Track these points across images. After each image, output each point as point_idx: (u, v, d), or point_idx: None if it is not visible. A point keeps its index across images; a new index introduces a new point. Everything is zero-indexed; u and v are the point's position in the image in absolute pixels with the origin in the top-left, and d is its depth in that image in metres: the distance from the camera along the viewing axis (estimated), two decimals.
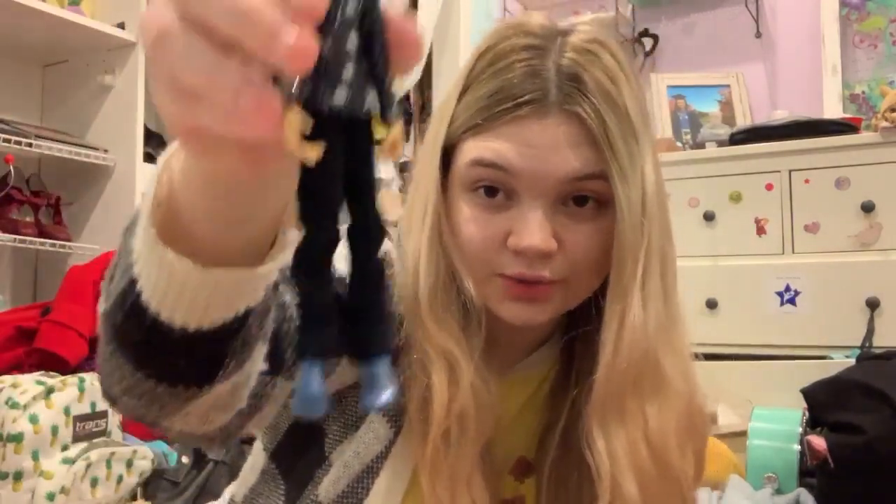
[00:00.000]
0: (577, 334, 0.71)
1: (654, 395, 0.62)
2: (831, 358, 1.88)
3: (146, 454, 1.57)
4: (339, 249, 0.32)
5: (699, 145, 2.46)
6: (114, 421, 1.58)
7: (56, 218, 2.17)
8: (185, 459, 1.60)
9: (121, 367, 0.41)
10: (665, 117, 2.72)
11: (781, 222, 2.19)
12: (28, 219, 2.09)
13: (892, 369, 1.56)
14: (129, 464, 1.54)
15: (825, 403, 1.55)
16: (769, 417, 1.67)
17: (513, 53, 0.62)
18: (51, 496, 1.39)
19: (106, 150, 2.19)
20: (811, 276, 2.11)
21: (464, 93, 0.64)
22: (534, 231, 0.60)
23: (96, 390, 1.54)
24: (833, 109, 2.53)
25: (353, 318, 0.31)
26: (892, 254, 2.05)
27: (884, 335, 1.98)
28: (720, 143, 2.38)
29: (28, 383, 1.45)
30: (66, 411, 1.47)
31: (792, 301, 2.12)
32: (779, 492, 1.52)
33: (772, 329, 2.13)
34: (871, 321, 2.00)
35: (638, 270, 0.61)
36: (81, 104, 2.30)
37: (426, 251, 0.64)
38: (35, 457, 1.40)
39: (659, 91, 2.76)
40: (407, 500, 0.65)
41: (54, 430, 1.44)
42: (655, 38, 2.92)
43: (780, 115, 2.40)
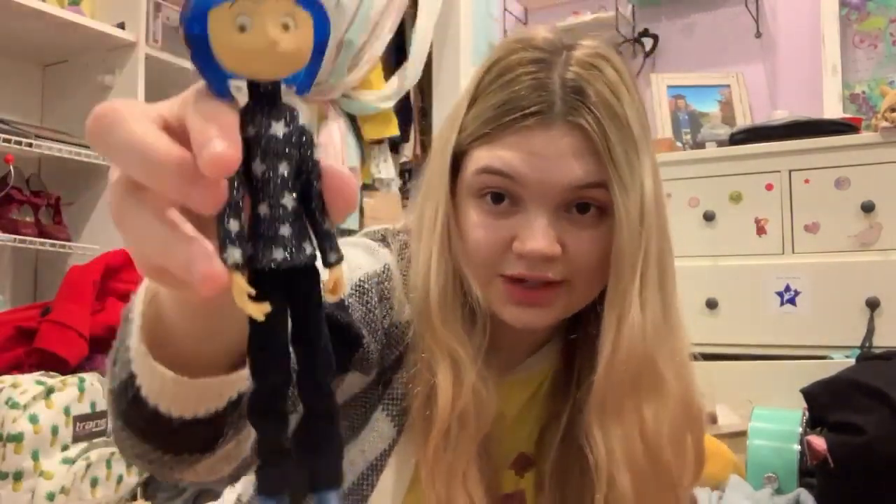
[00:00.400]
0: (577, 336, 0.73)
1: (650, 396, 0.64)
2: (831, 358, 1.88)
3: None
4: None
5: (699, 145, 2.46)
6: None
7: (56, 218, 2.17)
8: None
9: (130, 439, 0.46)
10: (665, 117, 2.72)
11: (781, 222, 2.19)
12: (28, 219, 2.09)
13: (892, 369, 1.56)
14: (130, 464, 1.54)
15: (825, 403, 1.55)
16: (769, 417, 1.67)
17: (519, 66, 0.65)
18: (51, 496, 1.39)
19: None
20: (811, 276, 2.11)
21: (472, 104, 0.68)
22: (538, 236, 0.63)
23: (96, 390, 1.54)
24: (833, 109, 2.53)
25: (307, 450, 0.33)
26: (892, 254, 2.05)
27: (884, 335, 1.98)
28: (720, 143, 2.38)
29: (28, 383, 1.45)
30: (66, 411, 1.47)
31: (792, 301, 2.12)
32: (779, 492, 1.52)
33: (772, 329, 2.13)
34: (871, 321, 2.00)
35: (636, 277, 0.63)
36: (81, 104, 2.29)
37: (437, 254, 0.66)
38: (35, 457, 1.40)
39: (659, 91, 2.76)
40: (410, 496, 0.68)
41: (54, 430, 1.44)
42: (655, 38, 2.92)
43: (780, 115, 2.40)
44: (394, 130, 2.72)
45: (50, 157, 2.10)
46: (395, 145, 2.91)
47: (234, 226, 0.30)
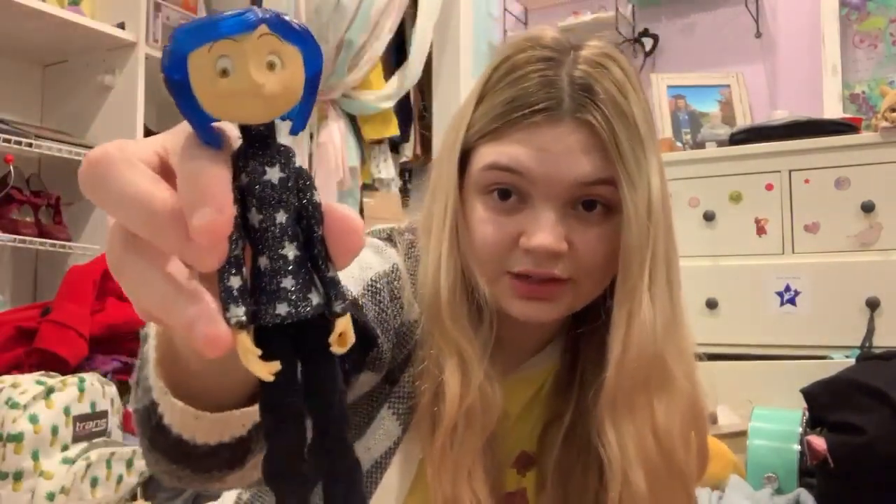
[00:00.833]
0: (580, 334, 0.73)
1: (660, 394, 0.64)
2: (831, 358, 1.88)
3: None
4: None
5: (699, 145, 2.46)
6: (114, 421, 1.58)
7: (56, 218, 2.17)
8: None
9: (158, 461, 0.46)
10: (665, 117, 2.72)
11: (781, 222, 2.19)
12: (28, 219, 2.09)
13: (892, 369, 1.56)
14: (129, 464, 1.54)
15: (825, 403, 1.55)
16: (769, 417, 1.67)
17: (528, 65, 0.65)
18: (51, 496, 1.39)
19: None
20: (811, 276, 2.11)
21: (480, 101, 0.68)
22: (546, 231, 0.63)
23: (96, 390, 1.54)
24: (833, 109, 2.53)
25: None
26: (892, 254, 2.05)
27: (884, 335, 1.98)
28: (720, 143, 2.38)
29: (28, 383, 1.45)
30: (66, 411, 1.47)
31: (792, 301, 2.12)
32: (779, 492, 1.52)
33: (772, 329, 2.13)
34: (871, 321, 2.00)
35: (644, 273, 0.63)
36: (81, 104, 2.30)
37: (446, 252, 0.67)
38: (35, 457, 1.40)
39: (659, 91, 2.76)
40: (413, 494, 0.68)
41: (54, 430, 1.44)
42: (655, 38, 2.92)
43: (780, 115, 2.40)
44: (394, 130, 2.72)
45: (50, 157, 2.10)
46: (395, 145, 2.91)
47: (235, 282, 0.29)
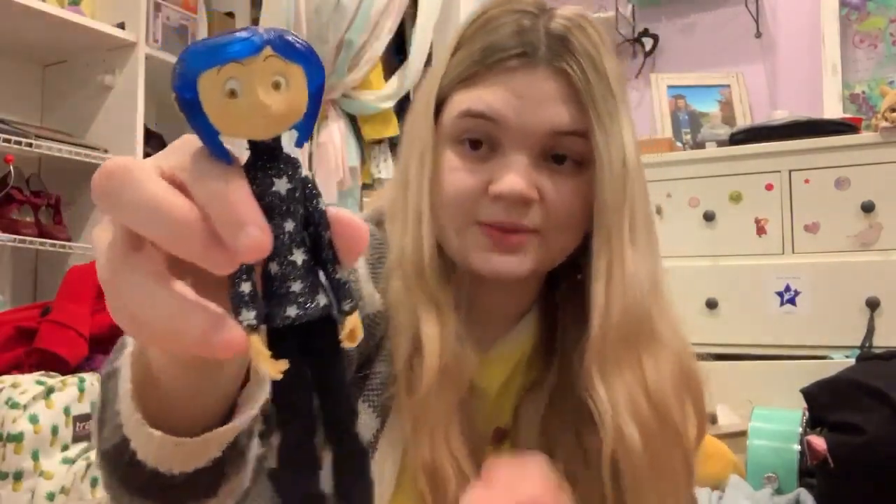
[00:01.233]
0: (556, 303, 0.72)
1: (647, 348, 0.63)
2: (831, 358, 1.88)
3: None
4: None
5: (699, 145, 2.46)
6: None
7: (56, 218, 2.17)
8: None
9: (128, 497, 0.45)
10: (665, 117, 2.72)
11: (781, 222, 2.19)
12: (28, 219, 2.09)
13: (892, 369, 1.56)
14: None
15: (825, 403, 1.55)
16: (769, 417, 1.67)
17: (504, 16, 0.66)
18: (51, 496, 1.39)
19: (106, 150, 2.19)
20: (811, 276, 2.11)
21: (456, 51, 0.68)
22: (516, 177, 0.62)
23: (96, 390, 1.54)
24: (833, 109, 2.53)
25: (339, 497, 0.34)
26: (892, 254, 2.05)
27: (884, 335, 1.98)
28: (720, 143, 2.38)
29: (28, 383, 1.45)
30: (66, 411, 1.47)
31: (792, 301, 2.12)
32: (779, 492, 1.52)
33: (772, 329, 2.13)
34: (871, 321, 2.00)
35: (624, 224, 0.63)
36: (81, 104, 2.30)
37: (427, 204, 0.65)
38: (35, 457, 1.40)
39: (659, 91, 2.76)
40: (400, 484, 0.67)
41: (54, 430, 1.44)
42: (655, 38, 2.92)
43: (780, 115, 2.40)
44: (394, 130, 2.72)
45: (50, 157, 2.10)
46: (396, 145, 2.91)
47: (246, 287, 0.30)
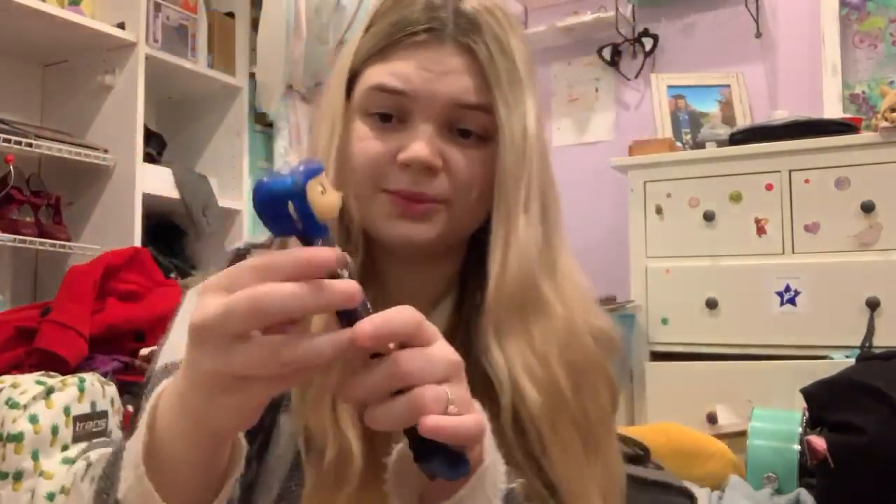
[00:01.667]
0: (469, 279, 0.73)
1: (536, 316, 0.66)
2: (831, 358, 1.88)
3: None
4: None
5: (699, 145, 2.46)
6: (114, 421, 1.58)
7: (56, 218, 2.17)
8: None
9: None
10: (665, 117, 2.71)
11: (781, 222, 2.19)
12: (28, 219, 2.09)
13: (892, 369, 1.56)
14: None
15: (825, 403, 1.55)
16: (769, 417, 1.67)
17: None
18: (51, 496, 1.39)
19: (106, 150, 2.20)
20: (811, 276, 2.11)
21: (369, 28, 0.71)
22: (422, 144, 0.65)
23: (96, 390, 1.54)
24: (833, 109, 2.53)
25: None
26: (892, 254, 2.05)
27: (884, 335, 1.99)
28: (720, 143, 2.37)
29: (28, 383, 1.44)
30: (66, 411, 1.47)
31: (792, 301, 2.12)
32: (779, 492, 1.53)
33: (772, 329, 2.13)
34: (871, 321, 2.01)
35: (520, 197, 0.66)
36: (81, 104, 2.30)
37: (333, 169, 0.68)
38: (35, 457, 1.40)
39: (659, 91, 2.76)
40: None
41: (54, 430, 1.44)
42: (655, 38, 2.92)
43: (780, 115, 2.40)
44: None
45: (50, 157, 2.10)
46: None
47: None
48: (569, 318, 0.67)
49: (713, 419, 1.95)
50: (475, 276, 0.71)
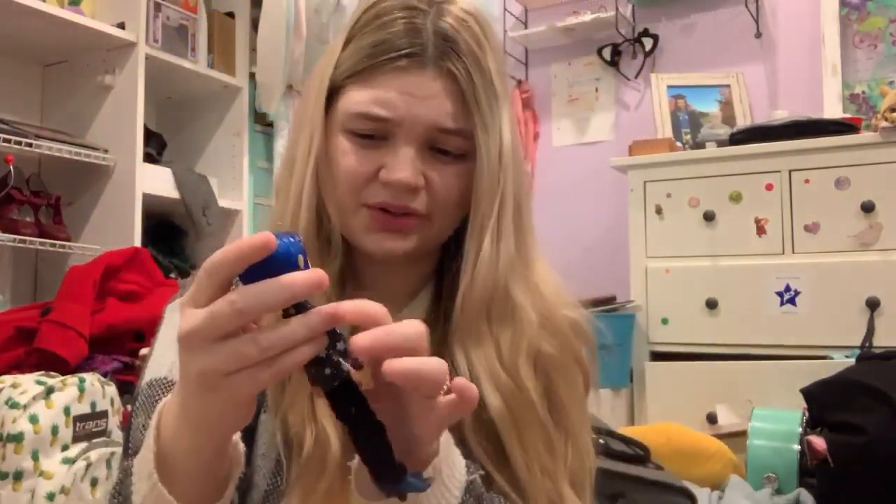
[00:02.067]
0: (444, 282, 0.76)
1: (503, 323, 0.69)
2: (831, 358, 1.88)
3: None
4: None
5: (699, 145, 2.46)
6: (114, 421, 1.58)
7: (56, 218, 2.17)
8: None
9: None
10: (665, 117, 2.72)
11: (781, 222, 2.19)
12: (28, 219, 2.09)
13: (892, 369, 1.56)
14: None
15: (825, 403, 1.55)
16: (769, 417, 1.67)
17: (395, 11, 0.70)
18: (51, 496, 1.39)
19: (106, 150, 2.20)
20: (811, 276, 2.11)
21: (348, 42, 0.72)
22: (405, 166, 0.67)
23: (96, 390, 1.54)
24: (833, 109, 2.53)
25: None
26: (892, 254, 2.05)
27: (884, 335, 1.99)
28: (720, 143, 2.38)
29: (28, 383, 1.44)
30: (66, 411, 1.47)
31: (792, 301, 2.12)
32: (779, 492, 1.53)
33: (772, 329, 2.13)
34: (871, 321, 2.01)
35: (493, 212, 0.69)
36: (81, 104, 2.30)
37: (308, 186, 0.70)
38: (35, 457, 1.40)
39: (659, 91, 2.76)
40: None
41: (54, 430, 1.44)
42: (655, 38, 2.92)
43: (780, 115, 2.40)
44: None
45: (50, 157, 2.10)
46: None
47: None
48: (544, 316, 0.71)
49: (713, 419, 1.95)
50: (451, 269, 0.74)
